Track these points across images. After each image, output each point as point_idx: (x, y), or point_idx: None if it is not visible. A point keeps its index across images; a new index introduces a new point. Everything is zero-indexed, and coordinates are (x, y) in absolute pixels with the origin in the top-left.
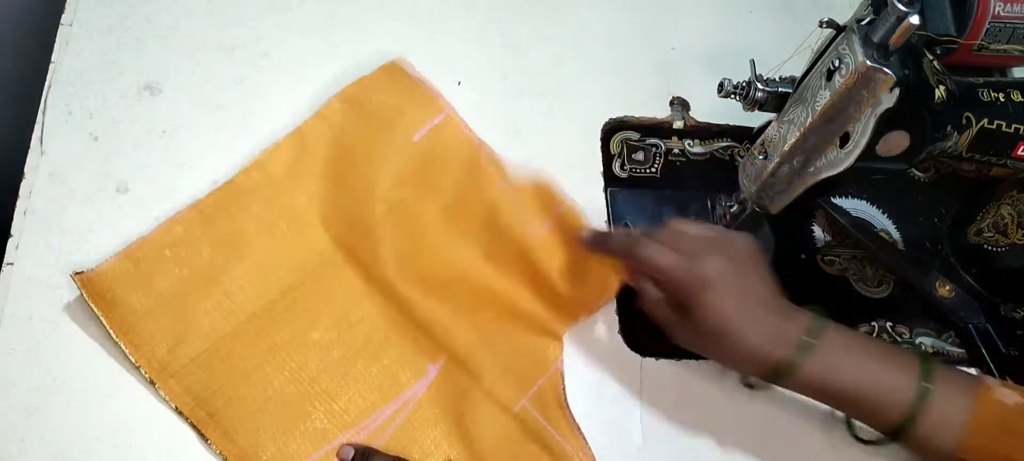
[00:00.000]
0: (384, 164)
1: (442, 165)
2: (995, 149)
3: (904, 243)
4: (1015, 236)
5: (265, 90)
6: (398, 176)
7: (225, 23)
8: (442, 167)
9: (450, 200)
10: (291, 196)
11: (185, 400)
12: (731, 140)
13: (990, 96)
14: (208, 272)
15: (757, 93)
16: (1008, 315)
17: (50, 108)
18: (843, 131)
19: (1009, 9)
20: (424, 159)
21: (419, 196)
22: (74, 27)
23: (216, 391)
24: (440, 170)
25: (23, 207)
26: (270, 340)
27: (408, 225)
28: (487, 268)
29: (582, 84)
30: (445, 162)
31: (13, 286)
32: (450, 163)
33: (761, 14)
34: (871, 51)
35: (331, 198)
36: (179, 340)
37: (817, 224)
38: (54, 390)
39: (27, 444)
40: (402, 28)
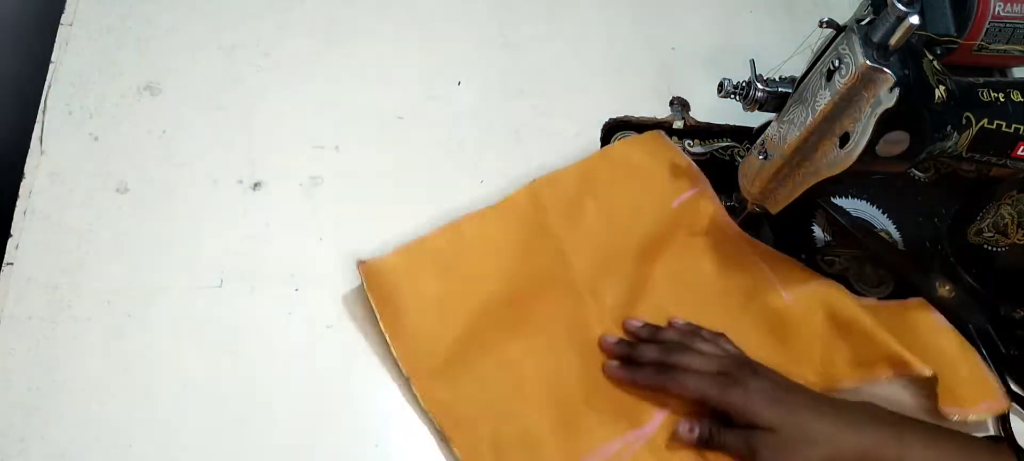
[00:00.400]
0: (640, 221)
1: (696, 234)
2: (995, 149)
3: (904, 243)
4: (1015, 236)
5: (265, 90)
6: (653, 235)
7: (225, 23)
8: (695, 236)
9: (707, 269)
10: (555, 228)
11: (435, 403)
12: (731, 140)
13: (990, 96)
14: (469, 284)
15: (757, 93)
16: (1008, 315)
17: (50, 108)
18: (843, 131)
19: (1009, 9)
20: (678, 225)
21: (671, 257)
22: (74, 27)
23: (462, 397)
24: (693, 239)
25: (23, 207)
26: (518, 355)
27: (655, 285)
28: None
29: (582, 84)
30: (700, 231)
31: (13, 286)
32: (704, 232)
33: (761, 14)
34: (871, 51)
35: (589, 239)
36: (438, 342)
37: (817, 224)
38: (54, 390)
39: (27, 444)
40: (402, 28)
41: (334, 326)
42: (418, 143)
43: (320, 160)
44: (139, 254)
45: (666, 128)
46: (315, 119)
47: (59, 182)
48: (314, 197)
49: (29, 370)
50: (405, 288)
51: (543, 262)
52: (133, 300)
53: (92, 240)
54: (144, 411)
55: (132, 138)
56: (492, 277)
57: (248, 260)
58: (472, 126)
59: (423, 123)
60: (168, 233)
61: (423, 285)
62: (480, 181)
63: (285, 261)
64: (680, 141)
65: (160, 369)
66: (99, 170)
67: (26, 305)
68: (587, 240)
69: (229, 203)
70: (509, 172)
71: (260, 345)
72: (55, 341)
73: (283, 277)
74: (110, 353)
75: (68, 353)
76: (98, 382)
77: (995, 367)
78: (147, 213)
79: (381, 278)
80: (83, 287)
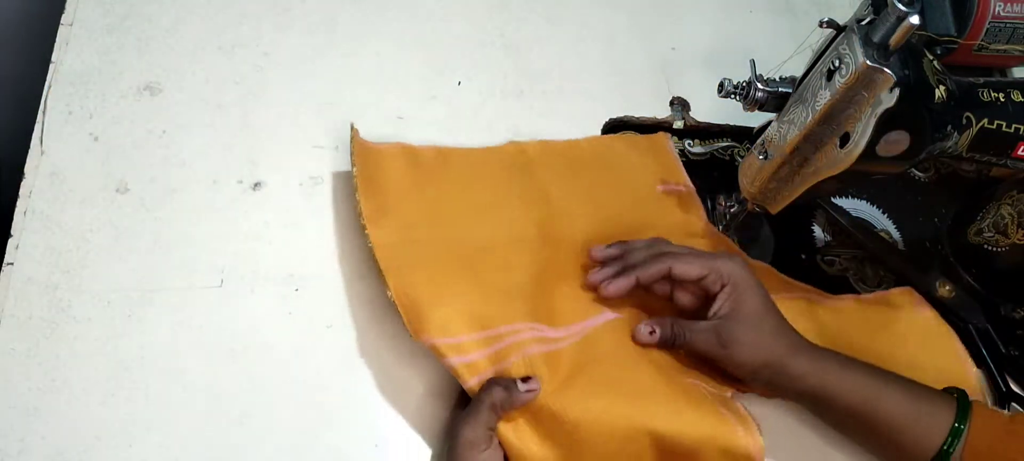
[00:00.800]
0: (623, 194)
1: (676, 220)
2: (995, 149)
3: (904, 243)
4: (1015, 236)
5: (265, 90)
6: (635, 212)
7: (225, 23)
8: (675, 222)
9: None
10: (538, 177)
11: (386, 249)
12: (731, 140)
13: (990, 96)
14: (446, 198)
15: (757, 93)
16: (1008, 315)
17: (50, 108)
18: (843, 131)
19: (1009, 9)
20: (660, 208)
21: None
22: (74, 27)
23: (417, 265)
24: (673, 222)
25: (23, 207)
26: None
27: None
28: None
29: (582, 84)
30: (680, 222)
31: (13, 286)
32: (684, 223)
33: (761, 14)
34: (871, 51)
35: (573, 200)
36: (405, 215)
37: (817, 224)
38: (54, 390)
39: (27, 444)
40: (402, 28)
41: (334, 326)
42: (418, 143)
43: (320, 160)
44: (139, 254)
45: (666, 128)
46: (315, 119)
47: (59, 182)
48: (314, 197)
49: (29, 370)
50: (389, 168)
51: (521, 205)
52: (133, 300)
53: (92, 240)
54: (144, 411)
55: (132, 138)
56: (469, 203)
57: (248, 260)
58: (472, 126)
59: (423, 123)
60: (168, 233)
61: (406, 177)
62: None
63: (285, 261)
64: (680, 141)
65: (160, 369)
66: (99, 170)
67: (26, 305)
68: (571, 200)
69: (229, 203)
70: None
71: (260, 345)
72: (55, 341)
73: (283, 277)
74: (110, 353)
75: (68, 353)
76: (98, 382)
77: (995, 367)
78: (147, 213)
79: (369, 148)
80: (83, 287)
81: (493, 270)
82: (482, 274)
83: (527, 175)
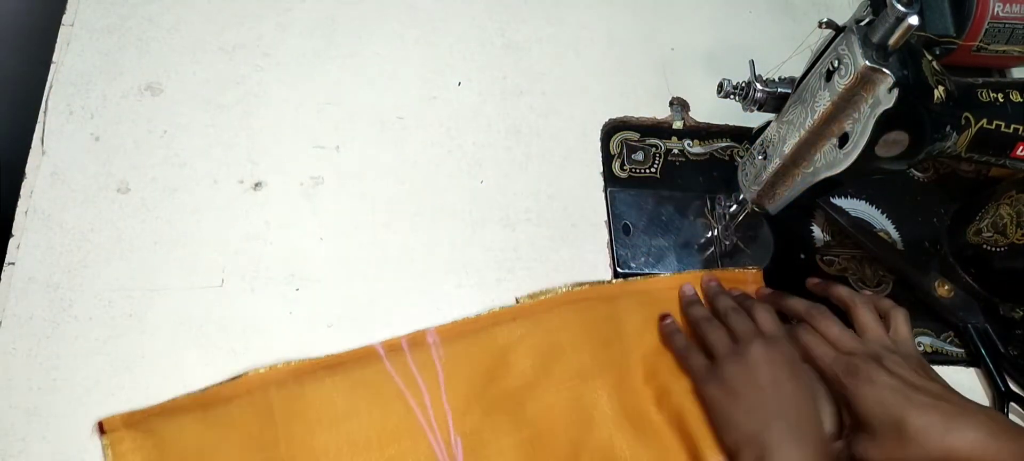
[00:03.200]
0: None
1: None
2: (994, 149)
3: (903, 243)
4: (1014, 236)
5: (265, 90)
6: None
7: (225, 23)
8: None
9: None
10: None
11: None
12: (731, 140)
13: (989, 96)
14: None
15: (757, 93)
16: (1007, 315)
17: (51, 108)
18: (842, 131)
19: (1008, 9)
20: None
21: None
22: (75, 27)
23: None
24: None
25: (24, 207)
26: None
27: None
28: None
29: (582, 84)
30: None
31: (14, 286)
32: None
33: (761, 14)
34: (870, 52)
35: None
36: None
37: (817, 224)
38: (54, 390)
39: (28, 444)
40: (402, 28)
41: (334, 326)
42: (418, 143)
43: (320, 160)
44: (139, 254)
45: (666, 128)
46: (315, 119)
47: (60, 182)
48: (314, 197)
49: (29, 370)
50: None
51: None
52: (133, 300)
53: (93, 240)
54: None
55: (133, 138)
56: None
57: (248, 260)
58: (472, 126)
59: (423, 123)
60: (168, 233)
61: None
62: (480, 181)
63: (285, 261)
64: (680, 141)
65: (160, 369)
66: (100, 170)
67: (27, 305)
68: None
69: (229, 203)
70: (509, 172)
71: (260, 345)
72: (56, 341)
73: (283, 277)
74: (110, 353)
75: (68, 353)
76: (98, 382)
77: (994, 367)
78: (148, 213)
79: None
80: (84, 287)
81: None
82: None
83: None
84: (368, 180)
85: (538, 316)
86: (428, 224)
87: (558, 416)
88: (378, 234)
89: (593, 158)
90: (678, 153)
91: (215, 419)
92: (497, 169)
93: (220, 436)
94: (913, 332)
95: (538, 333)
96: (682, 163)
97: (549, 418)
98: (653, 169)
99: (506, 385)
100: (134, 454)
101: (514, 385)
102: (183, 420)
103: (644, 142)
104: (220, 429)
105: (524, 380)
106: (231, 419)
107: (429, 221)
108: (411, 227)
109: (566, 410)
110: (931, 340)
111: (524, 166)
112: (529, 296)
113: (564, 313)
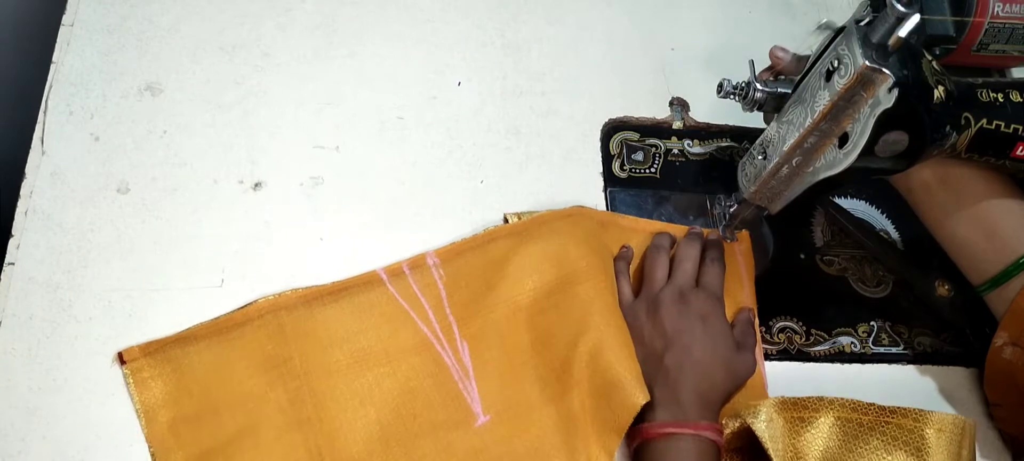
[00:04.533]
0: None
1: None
2: (994, 149)
3: (903, 243)
4: None
5: (265, 90)
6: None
7: (225, 23)
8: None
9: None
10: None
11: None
12: (731, 140)
13: (989, 96)
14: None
15: (757, 93)
16: None
17: (51, 108)
18: (842, 131)
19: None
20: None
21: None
22: (75, 27)
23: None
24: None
25: (24, 207)
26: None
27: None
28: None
29: (582, 84)
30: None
31: (14, 286)
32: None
33: (761, 14)
34: (870, 51)
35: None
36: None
37: (817, 224)
38: (54, 390)
39: (28, 444)
40: (402, 28)
41: None
42: (418, 143)
43: (320, 160)
44: (139, 254)
45: (666, 128)
46: (315, 119)
47: (60, 182)
48: (314, 197)
49: (29, 370)
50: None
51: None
52: (133, 300)
53: (92, 240)
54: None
55: (133, 138)
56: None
57: (248, 260)
58: (472, 126)
59: (423, 123)
60: (168, 233)
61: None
62: (480, 181)
63: (285, 261)
64: (680, 141)
65: None
66: (100, 170)
67: (27, 305)
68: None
69: (229, 203)
70: (509, 172)
71: None
72: (56, 341)
73: (283, 277)
74: (110, 353)
75: (68, 353)
76: (98, 382)
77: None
78: (148, 213)
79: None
80: (84, 287)
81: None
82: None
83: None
84: (368, 180)
85: (532, 229)
86: (428, 224)
87: (556, 317)
88: (378, 234)
89: (593, 158)
90: (678, 153)
91: (229, 341)
92: (497, 169)
93: (235, 355)
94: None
95: (532, 243)
96: (682, 163)
97: (547, 319)
98: (653, 169)
99: (506, 292)
100: (154, 380)
101: (514, 292)
102: (198, 345)
103: (644, 142)
104: (235, 349)
105: (521, 286)
106: (245, 340)
107: (429, 221)
108: (411, 227)
109: (562, 311)
110: (931, 340)
111: (524, 166)
112: (517, 214)
113: (556, 225)
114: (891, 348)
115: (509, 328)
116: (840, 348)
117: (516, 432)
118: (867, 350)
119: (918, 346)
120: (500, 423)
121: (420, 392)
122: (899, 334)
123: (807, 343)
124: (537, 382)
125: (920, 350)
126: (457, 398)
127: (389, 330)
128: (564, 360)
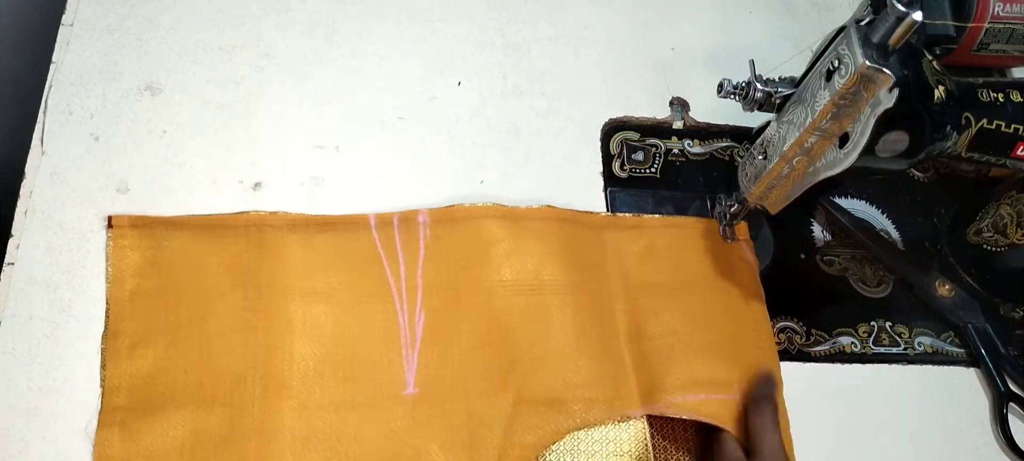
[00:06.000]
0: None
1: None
2: (994, 149)
3: (903, 243)
4: (1014, 236)
5: (265, 90)
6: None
7: (225, 23)
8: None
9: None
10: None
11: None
12: (731, 140)
13: (989, 96)
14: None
15: (757, 93)
16: (1008, 315)
17: (51, 108)
18: (842, 131)
19: (1008, 9)
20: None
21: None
22: (75, 27)
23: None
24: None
25: (24, 207)
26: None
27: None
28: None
29: (582, 84)
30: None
31: (13, 286)
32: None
33: (761, 14)
34: (870, 51)
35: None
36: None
37: (817, 224)
38: (54, 390)
39: (28, 444)
40: (402, 28)
41: None
42: (418, 143)
43: (320, 160)
44: None
45: (666, 128)
46: (315, 119)
47: (60, 182)
48: (314, 197)
49: (29, 370)
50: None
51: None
52: None
53: (93, 240)
54: None
55: (133, 138)
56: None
57: None
58: (472, 126)
59: (423, 123)
60: None
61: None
62: (480, 181)
63: None
64: (680, 141)
65: None
66: (100, 170)
67: (27, 305)
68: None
69: (229, 203)
70: (509, 172)
71: None
72: (56, 341)
73: None
74: None
75: (68, 353)
76: (98, 382)
77: (994, 367)
78: (148, 213)
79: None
80: (84, 287)
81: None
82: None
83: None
84: (368, 180)
85: (527, 222)
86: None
87: (518, 317)
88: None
89: (593, 158)
90: (678, 153)
91: (211, 237)
92: (497, 169)
93: (211, 251)
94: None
95: (522, 236)
96: (682, 163)
97: (509, 317)
98: (653, 169)
99: (479, 275)
100: (132, 250)
101: (487, 279)
102: (183, 232)
103: (644, 142)
104: (213, 245)
105: (498, 276)
106: (225, 241)
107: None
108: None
109: (527, 314)
110: (931, 340)
111: (524, 166)
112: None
113: (552, 226)
114: (891, 348)
115: (470, 312)
116: (840, 348)
117: (438, 414)
118: (867, 350)
119: (918, 346)
120: (424, 399)
121: (363, 342)
122: (899, 334)
123: (807, 343)
124: (479, 372)
125: (920, 350)
126: (395, 362)
127: (360, 272)
128: (511, 361)
